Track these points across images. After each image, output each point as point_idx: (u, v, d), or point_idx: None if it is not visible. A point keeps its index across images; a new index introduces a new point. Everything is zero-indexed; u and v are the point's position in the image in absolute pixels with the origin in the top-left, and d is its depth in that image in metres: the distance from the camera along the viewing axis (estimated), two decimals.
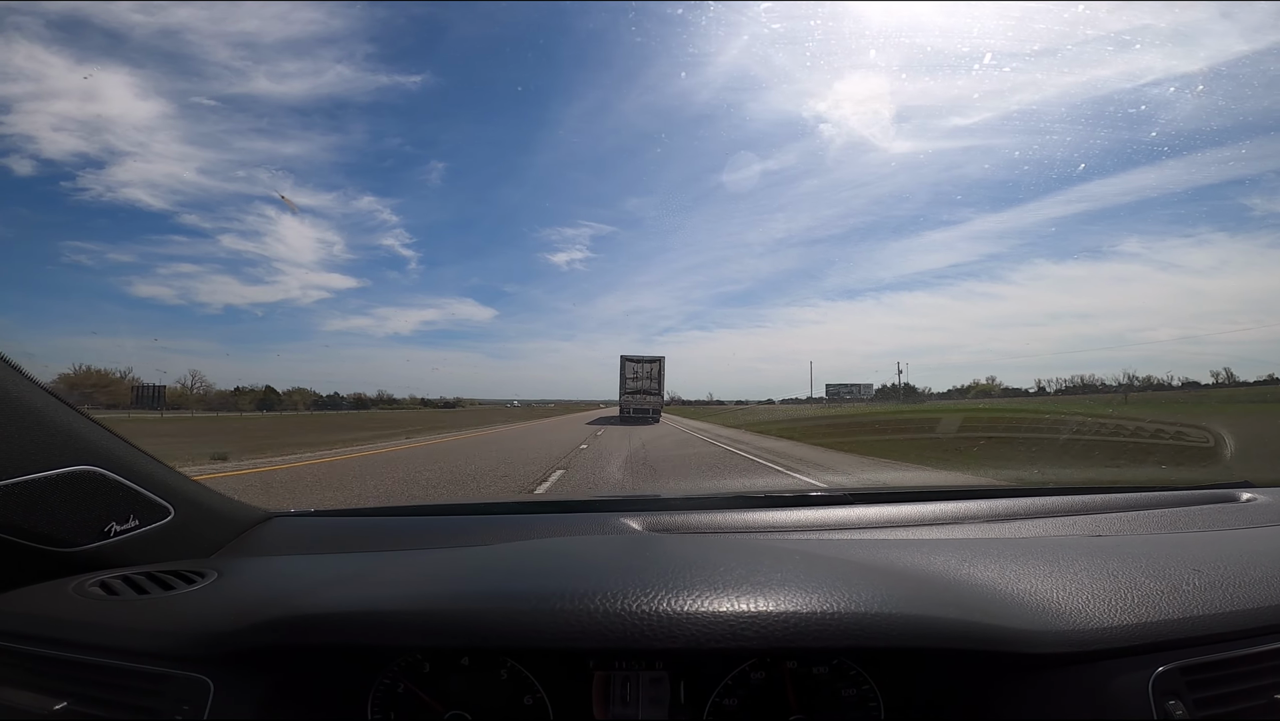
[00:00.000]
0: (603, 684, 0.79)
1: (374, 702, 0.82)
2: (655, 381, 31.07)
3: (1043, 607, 0.77)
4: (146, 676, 0.76)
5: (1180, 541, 1.10)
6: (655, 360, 31.41)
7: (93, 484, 0.94)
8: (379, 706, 0.82)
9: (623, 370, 31.21)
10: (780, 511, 1.35)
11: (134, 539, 1.01)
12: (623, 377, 31.07)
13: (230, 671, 0.75)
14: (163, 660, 0.76)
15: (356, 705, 0.83)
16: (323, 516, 1.47)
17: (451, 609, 0.72)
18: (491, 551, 0.99)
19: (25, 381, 0.87)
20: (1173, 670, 0.72)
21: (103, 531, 0.96)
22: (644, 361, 31.39)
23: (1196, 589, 0.82)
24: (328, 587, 0.86)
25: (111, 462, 0.97)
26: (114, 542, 0.97)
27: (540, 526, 1.35)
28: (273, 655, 0.76)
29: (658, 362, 31.29)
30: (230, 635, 0.76)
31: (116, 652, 0.77)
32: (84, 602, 0.85)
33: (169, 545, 1.07)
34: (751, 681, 0.80)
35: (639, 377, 31.03)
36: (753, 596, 0.69)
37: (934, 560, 0.92)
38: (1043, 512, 1.37)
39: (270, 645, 0.74)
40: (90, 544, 0.94)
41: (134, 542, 1.01)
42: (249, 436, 17.25)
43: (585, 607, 0.68)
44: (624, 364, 31.33)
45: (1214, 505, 1.42)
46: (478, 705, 0.81)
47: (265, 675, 0.76)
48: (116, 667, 0.77)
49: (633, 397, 30.19)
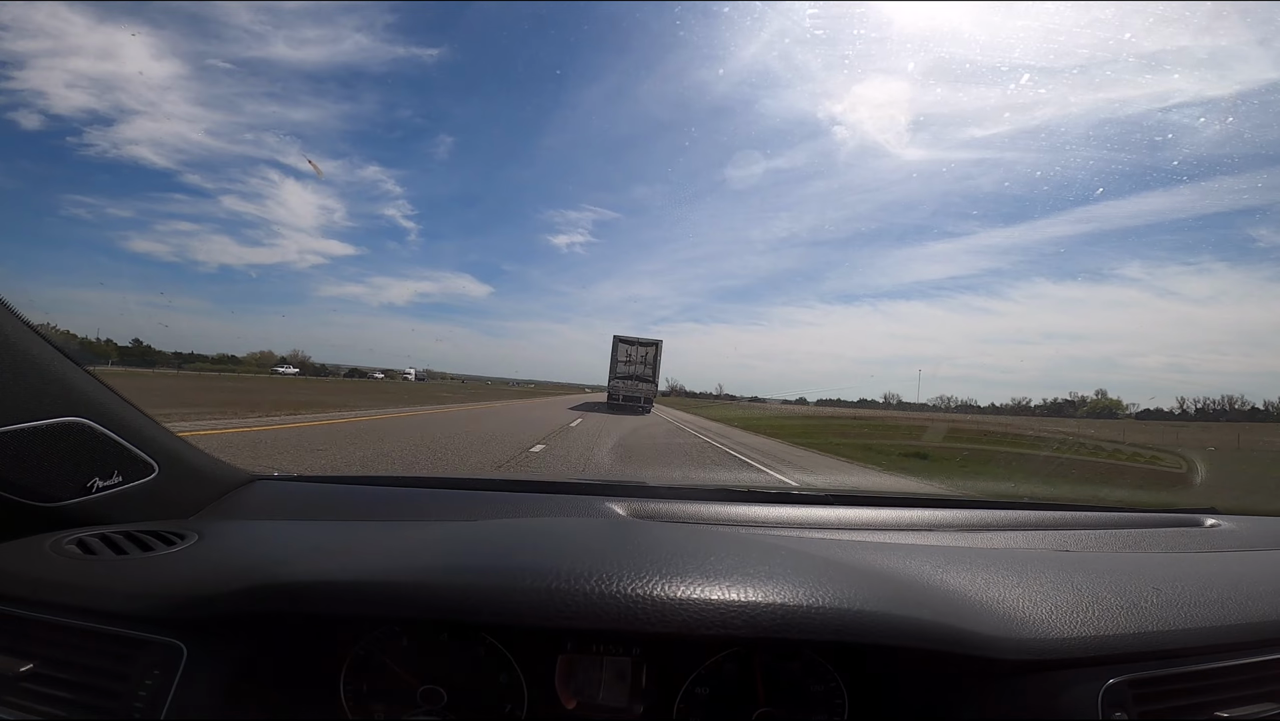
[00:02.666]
0: (566, 666, 0.80)
1: (348, 673, 0.83)
2: (650, 367, 27.17)
3: (1009, 616, 0.80)
4: (118, 640, 0.75)
5: (1144, 561, 1.13)
6: (652, 344, 27.46)
7: (80, 436, 0.92)
8: (353, 677, 0.83)
9: (614, 351, 27.33)
10: (764, 507, 1.37)
11: (116, 496, 0.99)
12: (614, 360, 27.21)
13: (204, 637, 0.74)
14: (136, 623, 0.75)
15: (330, 675, 0.83)
16: (306, 481, 1.46)
17: (436, 582, 0.72)
18: (477, 527, 0.99)
19: (23, 327, 0.85)
20: (1122, 683, 0.75)
21: (85, 486, 0.94)
22: (639, 344, 27.43)
23: (1154, 606, 0.86)
24: (309, 555, 0.86)
25: (101, 415, 0.95)
26: (95, 499, 0.96)
27: (526, 505, 1.35)
28: (249, 622, 0.75)
29: (654, 347, 27.41)
30: (207, 600, 0.75)
31: (89, 614, 0.76)
32: (59, 561, 0.84)
33: (151, 504, 1.06)
34: (724, 672, 0.82)
35: (632, 361, 27.16)
36: (742, 586, 0.70)
37: (910, 564, 0.94)
38: (1014, 525, 1.40)
39: (247, 612, 0.74)
40: (72, 499, 0.93)
41: (116, 500, 0.99)
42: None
43: (579, 587, 0.68)
44: (617, 345, 27.40)
45: (1179, 528, 1.46)
46: (453, 680, 0.81)
47: (240, 642, 0.76)
48: (88, 630, 0.75)
49: (623, 383, 26.56)
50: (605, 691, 0.80)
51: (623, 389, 26.39)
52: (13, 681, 0.73)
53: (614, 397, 26.42)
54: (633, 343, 27.47)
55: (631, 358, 27.25)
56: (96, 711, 0.71)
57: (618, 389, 26.50)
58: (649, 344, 27.51)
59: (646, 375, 27.06)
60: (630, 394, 26.24)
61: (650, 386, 26.99)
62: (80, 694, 0.72)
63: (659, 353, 27.36)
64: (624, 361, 27.14)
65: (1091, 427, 30.29)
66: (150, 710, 0.70)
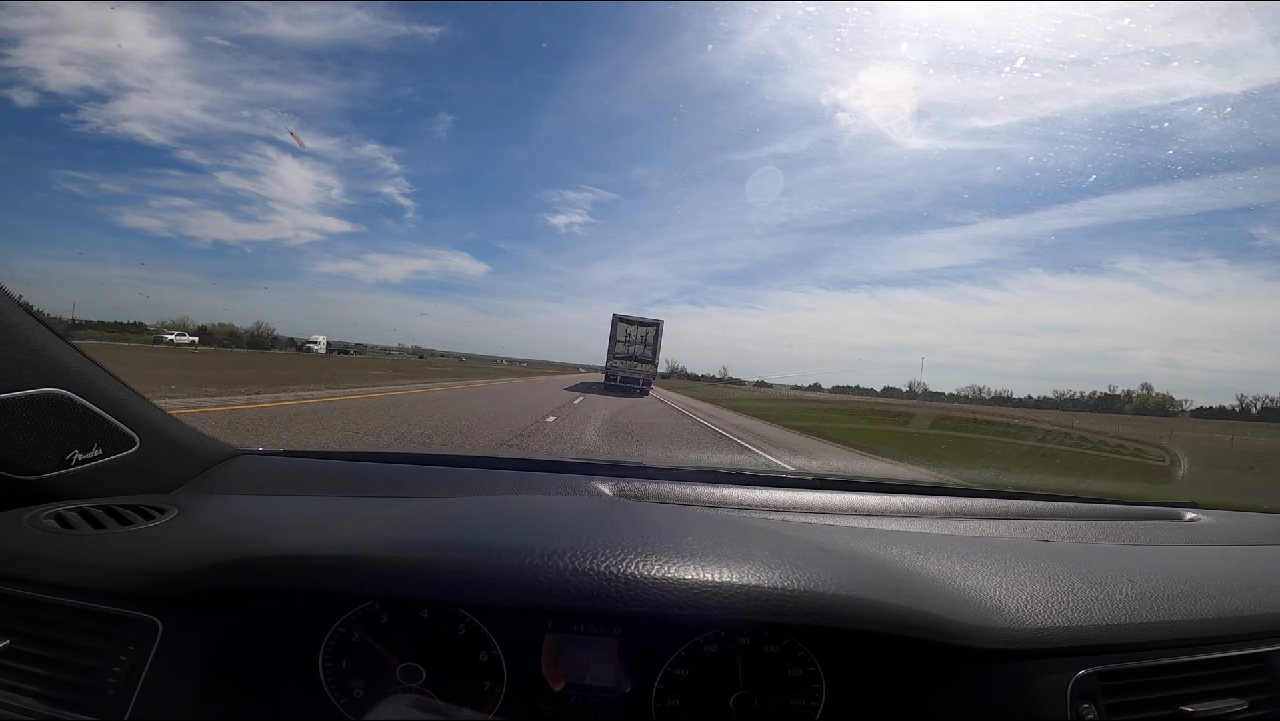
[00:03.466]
0: (553, 647, 0.80)
1: (326, 650, 0.82)
2: (650, 348, 26.11)
3: (985, 605, 0.80)
4: (94, 615, 0.74)
5: (1121, 553, 1.14)
6: (653, 324, 26.30)
7: (59, 408, 0.90)
8: (331, 654, 0.83)
9: (613, 331, 26.08)
10: (751, 490, 1.38)
11: (96, 469, 0.98)
12: (612, 339, 26.02)
13: (181, 613, 0.74)
14: (112, 599, 0.75)
15: (309, 652, 0.82)
16: (291, 457, 1.45)
17: (414, 557, 0.71)
18: (459, 504, 0.99)
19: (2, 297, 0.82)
20: (1091, 674, 0.76)
21: (64, 459, 0.92)
22: (639, 324, 26.23)
23: (1128, 598, 0.86)
24: (286, 531, 0.85)
25: (81, 386, 0.93)
26: (74, 472, 0.94)
27: (512, 482, 1.35)
28: (226, 598, 0.75)
29: (655, 327, 26.24)
30: (184, 575, 0.74)
31: (66, 590, 0.75)
32: (37, 536, 0.83)
33: (131, 477, 1.05)
34: (704, 654, 0.83)
35: (631, 341, 26.02)
36: (718, 567, 0.70)
37: (891, 550, 0.95)
38: (997, 514, 1.42)
39: (222, 587, 0.73)
40: (50, 472, 0.91)
41: (95, 473, 0.98)
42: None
43: (552, 565, 0.68)
44: (616, 324, 26.15)
45: (1159, 521, 1.48)
46: (432, 659, 0.81)
47: (217, 618, 0.75)
48: (64, 605, 0.75)
49: (622, 364, 25.51)
50: (590, 671, 0.80)
51: (621, 369, 25.42)
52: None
53: (611, 378, 25.49)
54: (633, 322, 26.29)
55: (631, 337, 26.15)
56: (72, 687, 0.70)
57: (615, 369, 25.48)
58: (649, 324, 26.36)
59: (646, 356, 26.08)
60: (628, 375, 25.30)
61: (649, 368, 25.96)
62: (56, 670, 0.72)
63: (659, 333, 26.22)
64: (623, 341, 26.08)
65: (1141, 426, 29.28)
66: (125, 686, 0.69)
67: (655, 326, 26.32)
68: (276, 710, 0.81)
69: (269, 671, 0.81)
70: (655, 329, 26.28)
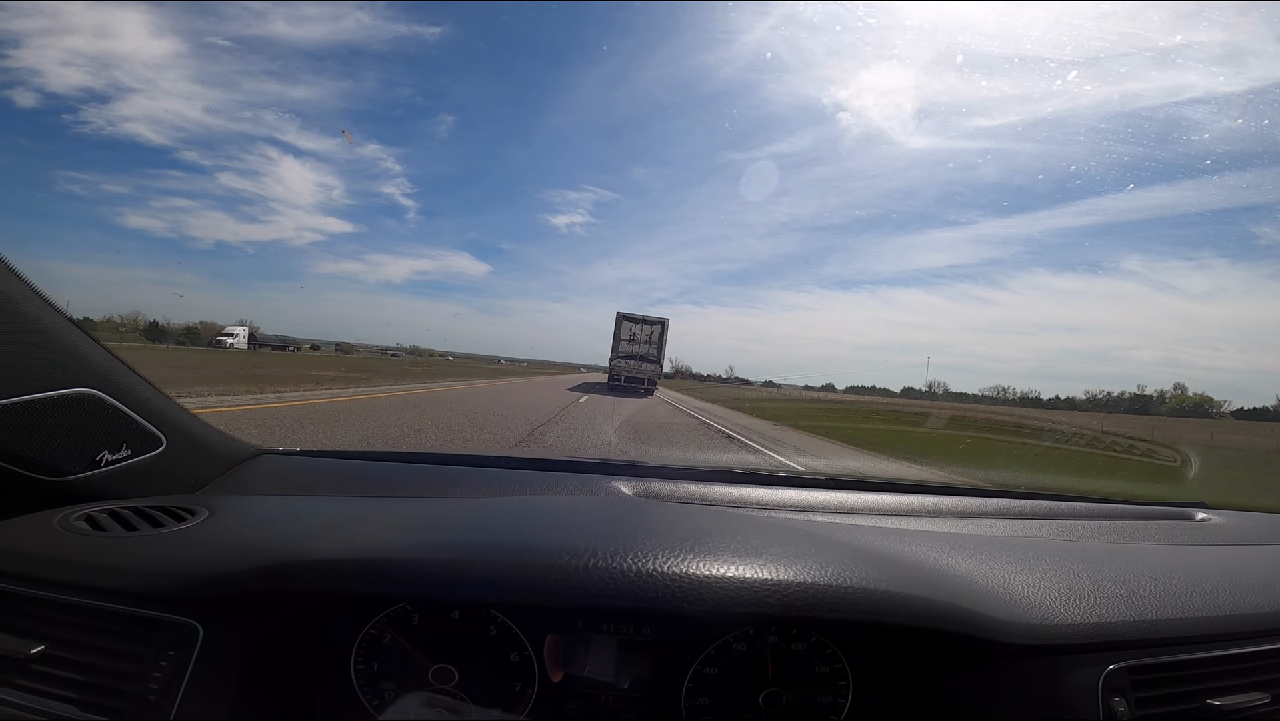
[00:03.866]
0: (580, 646, 0.81)
1: (359, 652, 0.83)
2: (655, 347, 25.29)
3: (1014, 601, 0.81)
4: (132, 619, 0.73)
5: (1139, 551, 1.15)
6: (658, 322, 25.45)
7: (90, 408, 0.90)
8: (364, 657, 0.83)
9: (618, 329, 25.21)
10: (767, 490, 1.38)
11: (125, 469, 0.98)
12: (617, 338, 25.15)
13: (220, 616, 0.74)
14: (150, 602, 0.74)
15: (342, 655, 0.83)
16: (311, 456, 1.46)
17: (446, 559, 0.72)
18: (485, 505, 0.99)
19: (33, 295, 0.82)
20: (1121, 669, 0.77)
21: (94, 460, 0.92)
22: (645, 322, 25.36)
23: (1153, 595, 0.87)
24: (322, 532, 0.85)
25: (110, 386, 0.93)
26: (104, 473, 0.94)
27: (532, 482, 1.35)
28: (264, 601, 0.75)
29: (660, 325, 25.38)
30: (223, 578, 0.74)
31: (101, 593, 0.74)
32: (69, 538, 0.82)
33: (158, 478, 1.05)
34: (733, 653, 0.83)
35: (636, 341, 25.15)
36: (747, 564, 0.70)
37: (913, 549, 0.95)
38: (1013, 514, 1.42)
39: (263, 590, 0.73)
40: (80, 473, 0.91)
41: (124, 474, 0.98)
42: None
43: (580, 564, 0.68)
44: (620, 322, 25.30)
45: (1171, 521, 1.49)
46: (464, 659, 0.82)
47: (254, 621, 0.75)
48: (100, 609, 0.74)
49: (626, 363, 24.63)
50: (619, 670, 0.81)
51: (625, 369, 24.53)
52: (23, 663, 0.70)
53: (615, 379, 24.80)
54: (637, 320, 25.40)
55: (635, 336, 25.24)
56: (109, 692, 0.69)
57: (619, 369, 24.59)
58: (654, 322, 25.46)
59: (651, 355, 25.22)
60: (633, 375, 24.46)
61: (654, 367, 25.11)
62: (93, 675, 0.71)
63: (665, 332, 25.32)
64: (627, 340, 25.15)
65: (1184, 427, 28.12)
66: (166, 691, 0.68)
67: (660, 325, 25.53)
68: (309, 712, 0.81)
69: (302, 674, 0.81)
70: (660, 327, 25.50)
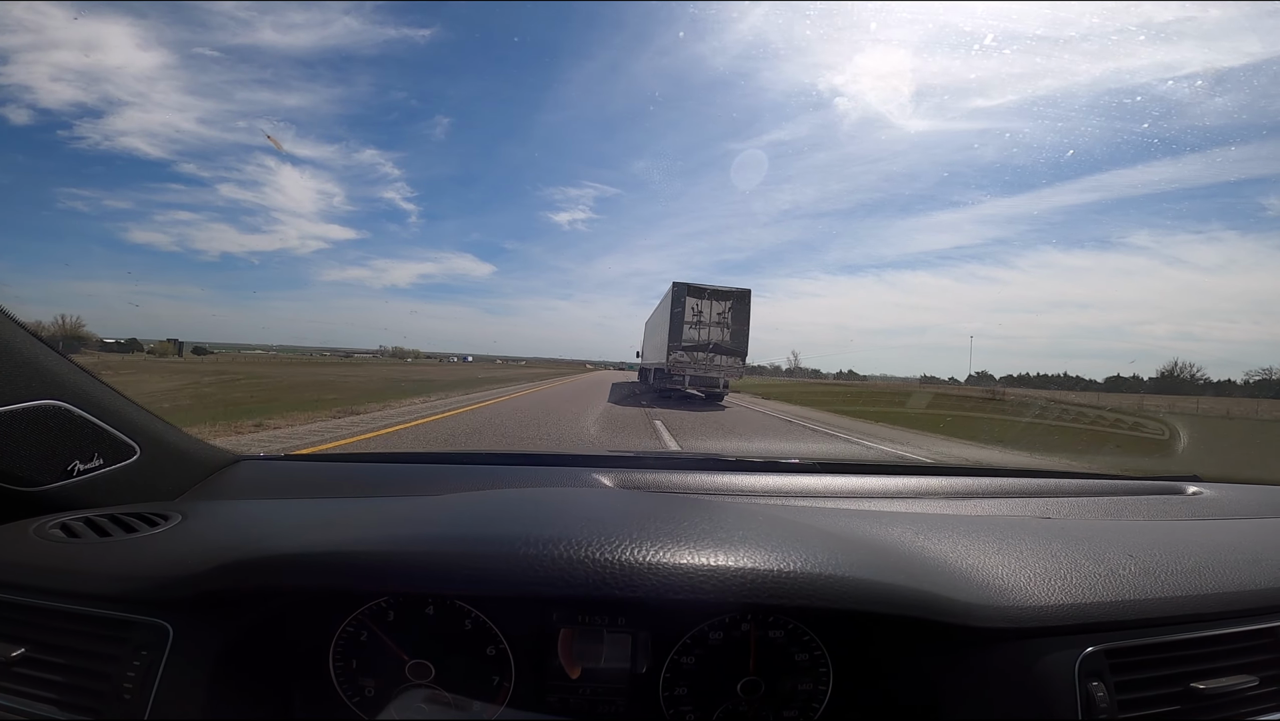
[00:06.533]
0: (568, 638, 0.81)
1: (336, 650, 0.83)
2: (731, 332, 15.58)
3: (988, 584, 0.80)
4: (106, 621, 0.75)
5: (1123, 528, 1.13)
6: (735, 295, 15.73)
7: (58, 419, 0.91)
8: (341, 654, 0.83)
9: (674, 306, 15.47)
10: (751, 476, 1.39)
11: (98, 479, 0.99)
12: (674, 322, 15.38)
13: (191, 616, 0.75)
14: (122, 605, 0.76)
15: (319, 653, 0.83)
16: (293, 461, 1.45)
17: (417, 552, 0.72)
18: (458, 498, 0.99)
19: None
20: (1099, 652, 0.75)
21: (65, 470, 0.94)
22: (717, 296, 15.67)
23: (1131, 574, 0.85)
24: (294, 530, 0.86)
25: (77, 398, 0.94)
26: (77, 482, 0.95)
27: (513, 477, 1.35)
28: (236, 599, 0.75)
29: (739, 299, 15.73)
30: (193, 578, 0.75)
31: (75, 597, 0.77)
32: (44, 545, 0.84)
33: (134, 486, 1.06)
34: (710, 641, 0.84)
35: (704, 324, 15.51)
36: (712, 551, 0.70)
37: (891, 531, 0.95)
38: (998, 493, 1.42)
39: (234, 588, 0.74)
40: (52, 483, 0.93)
41: (98, 482, 0.99)
42: None
43: (547, 553, 0.68)
44: (680, 297, 15.49)
45: (1161, 495, 1.47)
46: (441, 654, 0.82)
47: (227, 621, 0.76)
48: (75, 613, 0.76)
49: (691, 357, 15.27)
50: (596, 661, 0.81)
51: (689, 366, 15.25)
52: (4, 667, 0.73)
53: (673, 378, 15.47)
54: (705, 293, 15.62)
55: (702, 317, 15.52)
56: (88, 693, 0.72)
57: (681, 364, 15.24)
58: (729, 295, 15.71)
59: (727, 344, 15.53)
60: (701, 375, 15.38)
61: (733, 363, 15.65)
62: (72, 677, 0.73)
63: (748, 309, 15.78)
64: (691, 323, 15.46)
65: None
66: (140, 690, 0.70)
67: (740, 298, 15.81)
68: (288, 710, 0.82)
69: (280, 672, 0.82)
70: (739, 302, 15.80)
